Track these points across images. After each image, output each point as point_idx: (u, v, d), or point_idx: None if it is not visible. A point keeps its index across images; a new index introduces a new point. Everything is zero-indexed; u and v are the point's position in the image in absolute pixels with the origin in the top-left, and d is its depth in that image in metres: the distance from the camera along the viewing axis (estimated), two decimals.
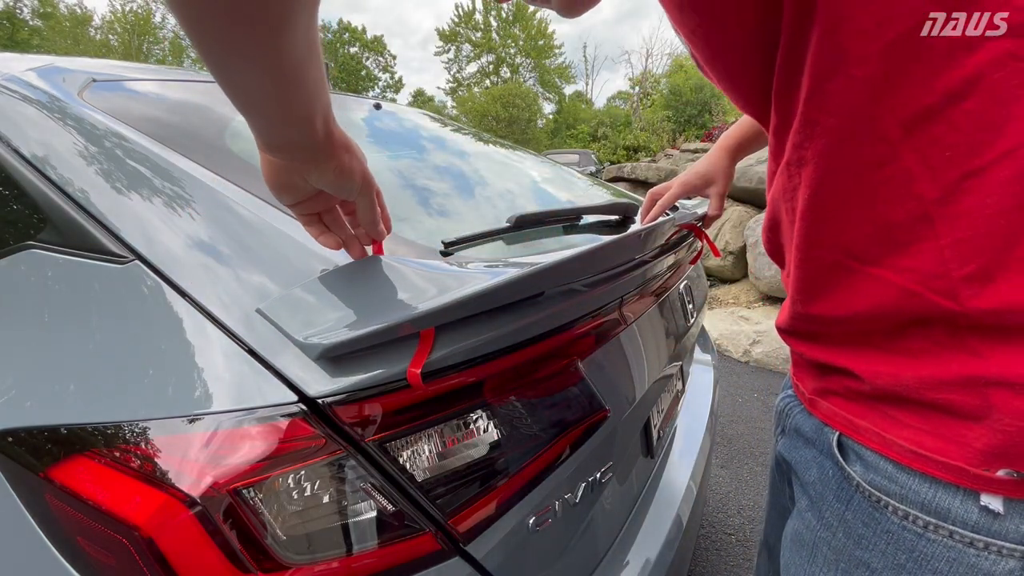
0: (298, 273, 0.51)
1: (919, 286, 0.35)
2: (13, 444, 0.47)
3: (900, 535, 0.39)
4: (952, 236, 0.33)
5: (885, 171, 0.34)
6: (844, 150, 0.35)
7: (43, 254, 0.57)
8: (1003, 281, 0.32)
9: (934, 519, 0.37)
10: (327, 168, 0.43)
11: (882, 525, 0.40)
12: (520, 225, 0.76)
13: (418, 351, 0.45)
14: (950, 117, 0.31)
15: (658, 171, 6.59)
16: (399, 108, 1.33)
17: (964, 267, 0.33)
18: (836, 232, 0.38)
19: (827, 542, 0.44)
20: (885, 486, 0.39)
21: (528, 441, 0.54)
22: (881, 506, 0.40)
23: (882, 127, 0.33)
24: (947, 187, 0.32)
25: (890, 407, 0.39)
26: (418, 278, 0.51)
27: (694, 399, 1.18)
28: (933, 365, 0.36)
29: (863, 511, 0.41)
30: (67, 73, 0.76)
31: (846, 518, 0.42)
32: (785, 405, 0.54)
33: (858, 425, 0.41)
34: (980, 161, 0.31)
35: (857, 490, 0.41)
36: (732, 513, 1.76)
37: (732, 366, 3.07)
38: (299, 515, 0.42)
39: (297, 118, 0.38)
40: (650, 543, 0.75)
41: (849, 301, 0.39)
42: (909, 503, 0.38)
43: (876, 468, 0.40)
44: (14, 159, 0.61)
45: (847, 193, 0.37)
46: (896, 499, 0.39)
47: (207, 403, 0.43)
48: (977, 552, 0.35)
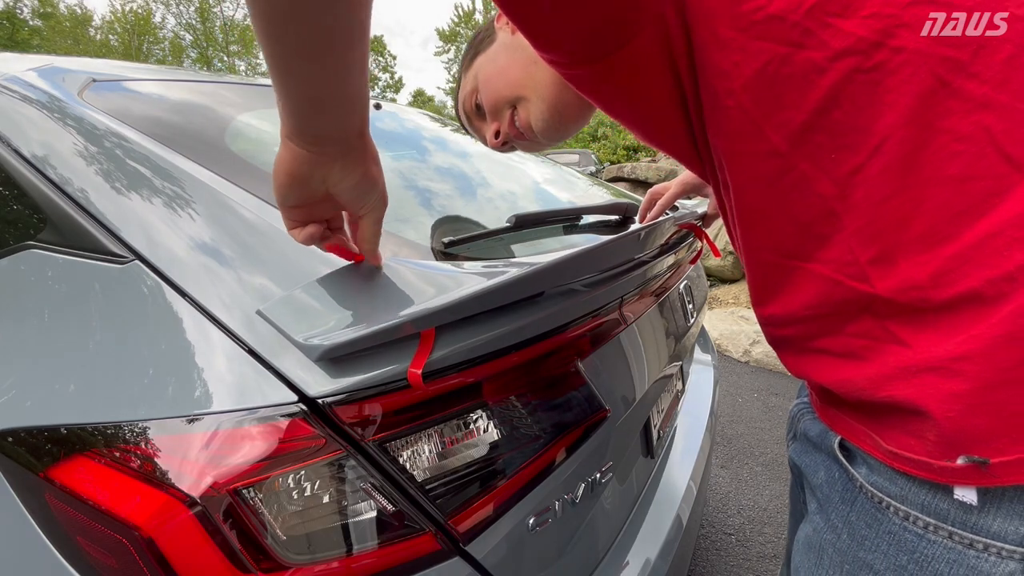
0: (298, 273, 0.51)
1: (838, 274, 0.38)
2: (13, 444, 0.47)
3: (901, 536, 0.39)
4: (854, 225, 0.37)
5: (787, 179, 0.38)
6: (745, 167, 0.40)
7: (43, 254, 0.57)
8: (902, 260, 0.35)
9: (934, 520, 0.37)
10: (354, 170, 0.42)
11: (884, 526, 0.40)
12: (520, 225, 0.76)
13: (418, 351, 0.45)
14: (825, 127, 0.36)
15: (658, 171, 6.59)
16: (399, 108, 1.33)
17: (868, 251, 0.37)
18: (766, 235, 0.43)
19: (833, 544, 0.44)
20: (886, 487, 0.40)
21: (528, 441, 0.54)
22: (883, 507, 0.40)
23: (772, 143, 0.38)
24: (841, 183, 0.36)
25: (867, 411, 0.40)
26: (418, 279, 0.51)
27: (694, 399, 1.18)
28: (874, 364, 0.38)
29: (866, 512, 0.41)
30: (67, 73, 0.76)
31: (850, 519, 0.43)
32: (798, 411, 0.55)
33: (855, 429, 0.42)
34: (859, 159, 0.35)
35: (861, 491, 0.42)
36: (732, 513, 1.76)
37: (732, 366, 3.07)
38: (299, 515, 0.42)
39: (343, 108, 0.38)
40: (650, 543, 0.75)
41: (792, 297, 0.43)
42: (909, 504, 0.38)
43: (878, 470, 0.40)
44: (14, 159, 0.61)
45: (763, 201, 0.41)
46: (897, 500, 0.39)
47: (207, 403, 0.43)
48: (977, 554, 0.36)
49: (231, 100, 0.89)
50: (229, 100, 0.89)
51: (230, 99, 0.89)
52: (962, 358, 0.33)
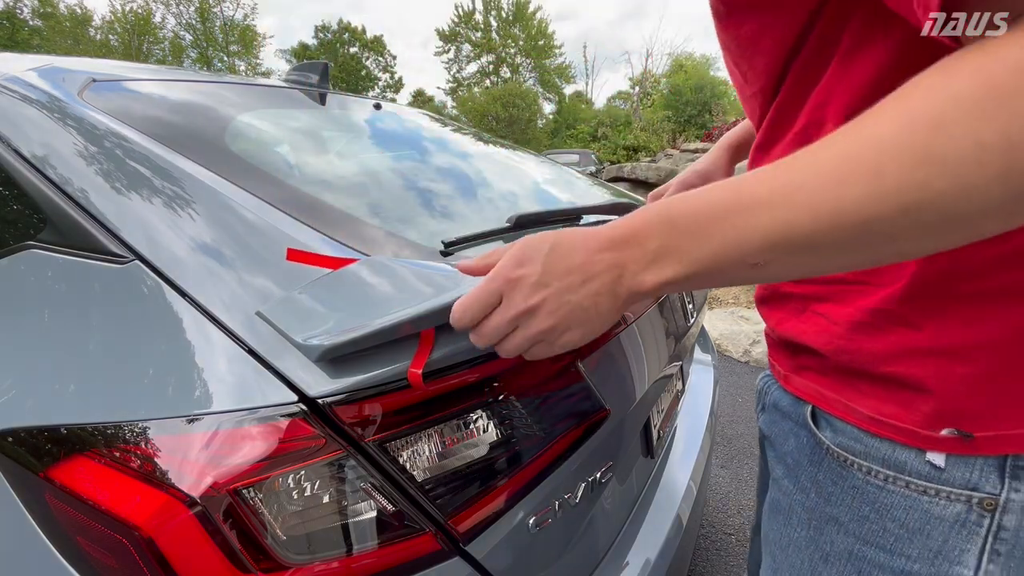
0: (299, 274, 0.51)
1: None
2: (13, 444, 0.47)
3: (864, 489, 0.43)
4: None
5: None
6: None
7: (43, 254, 0.57)
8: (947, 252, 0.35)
9: (893, 472, 0.41)
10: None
11: (848, 481, 0.44)
12: (520, 225, 0.76)
13: (418, 351, 0.45)
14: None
15: (658, 171, 6.60)
16: (399, 108, 1.33)
17: None
18: None
19: (802, 503, 0.48)
20: (851, 446, 0.43)
21: (528, 441, 0.54)
22: (848, 464, 0.44)
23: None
24: None
25: (852, 379, 0.43)
26: (418, 279, 0.51)
27: (694, 399, 1.18)
28: (881, 340, 0.40)
29: (832, 471, 0.45)
30: (67, 73, 0.76)
31: (818, 479, 0.46)
32: (764, 384, 0.58)
33: (827, 396, 0.45)
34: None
35: (827, 453, 0.45)
36: (732, 513, 1.76)
37: (732, 366, 3.07)
38: (299, 515, 0.42)
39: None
40: (650, 543, 0.75)
41: None
42: (871, 459, 0.42)
43: (844, 432, 0.44)
44: (14, 159, 0.61)
45: None
46: (861, 457, 0.43)
47: (207, 403, 0.43)
48: (929, 499, 0.40)
49: (231, 100, 0.89)
50: (229, 100, 0.89)
51: (230, 99, 0.89)
52: (977, 347, 0.37)
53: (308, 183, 0.73)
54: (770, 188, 0.31)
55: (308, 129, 0.98)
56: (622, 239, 0.36)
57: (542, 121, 33.66)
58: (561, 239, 0.38)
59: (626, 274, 0.36)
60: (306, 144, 0.92)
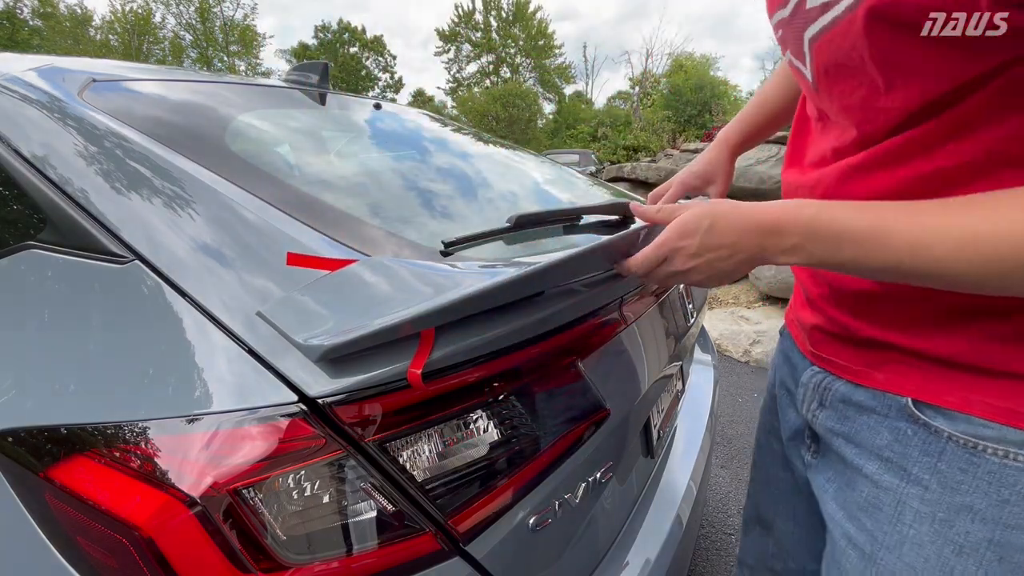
0: (299, 274, 0.51)
1: None
2: (13, 444, 0.47)
3: (1002, 473, 0.42)
4: None
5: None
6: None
7: (43, 254, 0.57)
8: None
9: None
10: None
11: (982, 467, 0.42)
12: (520, 225, 0.75)
13: (418, 351, 0.45)
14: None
15: (658, 171, 6.59)
16: (399, 108, 1.33)
17: None
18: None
19: (918, 496, 0.46)
20: (980, 432, 0.42)
21: (528, 441, 0.54)
22: (979, 451, 0.42)
23: None
24: None
25: (967, 373, 0.43)
26: (418, 279, 0.51)
27: (694, 399, 1.18)
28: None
29: (959, 458, 0.44)
30: (67, 73, 0.76)
31: (939, 469, 0.45)
32: (820, 381, 0.56)
33: (935, 387, 0.45)
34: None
35: (949, 440, 0.44)
36: (732, 513, 1.76)
37: (732, 366, 3.07)
38: (299, 515, 0.42)
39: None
40: (650, 543, 0.75)
41: None
42: (1008, 443, 0.41)
43: (964, 419, 0.43)
44: (14, 159, 0.61)
45: None
46: (994, 442, 0.42)
47: (207, 403, 0.43)
48: None
49: (231, 100, 0.89)
50: (229, 100, 0.89)
51: (230, 99, 0.89)
52: None
53: (308, 183, 0.73)
54: (910, 242, 0.38)
55: (308, 129, 0.98)
56: (768, 229, 0.44)
57: (542, 121, 33.63)
58: (717, 220, 0.47)
59: (765, 254, 0.45)
60: (306, 144, 0.92)
